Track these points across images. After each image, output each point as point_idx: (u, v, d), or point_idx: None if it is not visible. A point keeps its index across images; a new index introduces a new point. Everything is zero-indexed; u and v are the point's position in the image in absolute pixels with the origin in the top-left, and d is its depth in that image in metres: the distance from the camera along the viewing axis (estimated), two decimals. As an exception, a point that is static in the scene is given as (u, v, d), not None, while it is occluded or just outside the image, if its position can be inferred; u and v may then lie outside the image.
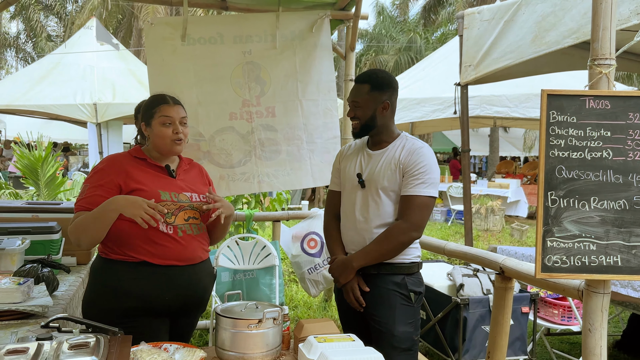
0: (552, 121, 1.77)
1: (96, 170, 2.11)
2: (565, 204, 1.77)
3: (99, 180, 2.06)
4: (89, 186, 2.06)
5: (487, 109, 8.49)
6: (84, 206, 2.02)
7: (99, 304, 2.06)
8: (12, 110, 10.72)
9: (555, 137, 1.77)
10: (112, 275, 2.05)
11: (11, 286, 2.09)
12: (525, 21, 3.56)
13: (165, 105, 2.16)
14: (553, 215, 1.77)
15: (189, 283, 2.10)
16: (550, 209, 1.77)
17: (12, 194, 6.19)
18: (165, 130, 2.13)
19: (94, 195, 2.03)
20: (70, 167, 15.33)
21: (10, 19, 26.76)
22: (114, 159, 2.16)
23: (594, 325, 1.84)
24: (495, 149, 16.85)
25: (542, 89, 1.77)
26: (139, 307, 2.02)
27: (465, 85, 4.14)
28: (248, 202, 4.95)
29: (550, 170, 1.78)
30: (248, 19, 3.68)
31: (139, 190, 2.05)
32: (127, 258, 2.04)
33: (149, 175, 2.13)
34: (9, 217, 2.92)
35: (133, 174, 2.09)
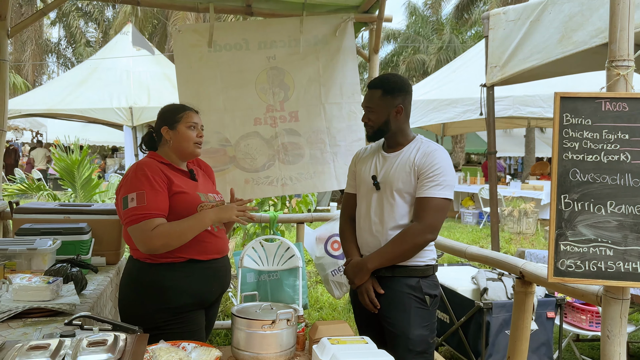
0: (565, 124, 1.75)
1: (144, 177, 2.12)
2: (580, 207, 1.75)
3: (153, 186, 2.11)
4: (147, 193, 2.09)
5: (520, 109, 8.34)
6: (152, 213, 2.07)
7: (149, 304, 2.15)
8: (52, 114, 11.09)
9: (569, 140, 1.75)
10: (162, 277, 2.15)
11: (41, 285, 2.19)
12: (552, 21, 3.50)
13: (190, 112, 2.31)
14: (566, 218, 1.75)
15: (225, 273, 2.31)
16: (564, 212, 1.75)
17: (50, 195, 6.42)
18: (191, 133, 2.27)
19: (156, 200, 2.09)
20: (107, 169, 15.77)
21: (50, 25, 27.72)
22: (151, 164, 2.20)
23: (612, 331, 1.80)
24: (531, 150, 16.49)
25: (555, 92, 1.75)
26: (189, 302, 2.16)
27: (492, 87, 4.10)
28: (275, 204, 5.01)
29: (564, 173, 1.76)
30: (272, 24, 3.73)
31: (183, 194, 2.18)
32: (175, 259, 2.15)
33: (180, 179, 2.24)
34: (42, 218, 3.04)
35: (172, 178, 2.19)
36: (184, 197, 2.16)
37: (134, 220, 2.08)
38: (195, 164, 2.49)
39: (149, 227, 2.07)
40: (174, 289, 2.14)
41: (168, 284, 2.14)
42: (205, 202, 2.22)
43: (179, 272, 2.15)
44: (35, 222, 2.98)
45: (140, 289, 2.19)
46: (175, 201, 2.15)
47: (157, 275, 2.15)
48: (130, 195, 2.10)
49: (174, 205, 2.14)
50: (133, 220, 2.08)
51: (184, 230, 2.10)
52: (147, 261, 2.18)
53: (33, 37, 24.29)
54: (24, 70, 23.92)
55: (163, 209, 2.12)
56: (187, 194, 2.18)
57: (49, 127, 15.23)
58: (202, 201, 2.21)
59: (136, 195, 2.09)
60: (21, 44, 24.48)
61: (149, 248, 2.10)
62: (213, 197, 2.32)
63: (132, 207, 2.08)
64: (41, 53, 26.31)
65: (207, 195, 2.28)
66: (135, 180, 2.13)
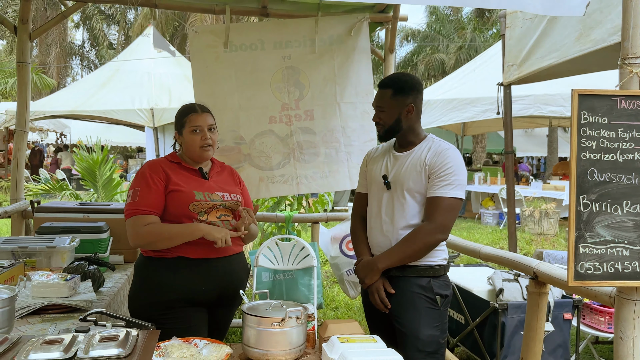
0: (583, 122, 1.72)
1: (142, 175, 2.24)
2: (598, 208, 1.72)
3: (148, 184, 2.20)
4: (140, 190, 2.20)
5: (541, 108, 8.22)
6: (142, 209, 2.16)
7: (143, 298, 2.22)
8: (76, 115, 11.31)
9: (587, 139, 1.73)
10: (154, 272, 2.21)
11: (59, 282, 2.25)
12: (570, 18, 3.44)
13: (193, 115, 2.31)
14: (585, 220, 1.72)
15: (223, 274, 2.26)
16: (582, 213, 1.72)
17: (73, 194, 6.55)
18: (195, 137, 2.28)
19: (148, 197, 2.17)
20: (130, 170, 15.99)
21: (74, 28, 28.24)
22: (154, 163, 2.30)
23: (625, 333, 1.77)
24: (554, 150, 16.24)
25: (572, 89, 1.73)
26: (179, 299, 2.17)
27: (509, 85, 4.05)
28: (291, 204, 5.03)
29: (582, 173, 1.73)
30: (288, 25, 3.75)
31: (178, 191, 2.21)
32: (165, 255, 2.19)
33: (184, 177, 2.27)
34: (62, 217, 3.11)
35: (171, 176, 2.24)
36: (177, 195, 2.20)
37: (127, 214, 2.20)
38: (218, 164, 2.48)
39: (139, 223, 2.15)
40: (162, 284, 2.18)
41: (157, 279, 2.19)
42: (202, 200, 2.21)
43: (167, 268, 2.19)
44: (55, 221, 3.06)
45: (138, 282, 2.28)
46: (169, 199, 2.21)
47: (151, 269, 2.22)
48: (130, 191, 2.24)
49: (168, 203, 2.20)
50: (127, 215, 2.20)
51: (172, 235, 2.15)
52: (145, 255, 2.26)
53: (58, 40, 24.78)
54: (49, 73, 24.41)
55: (155, 205, 2.18)
56: (180, 192, 2.20)
57: (73, 128, 15.52)
58: (197, 200, 2.20)
59: (132, 192, 2.22)
60: (46, 46, 24.99)
61: (136, 243, 2.19)
62: (220, 196, 2.28)
63: (128, 203, 2.21)
64: (65, 56, 26.83)
65: (212, 194, 2.26)
66: (136, 178, 2.26)
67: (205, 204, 2.23)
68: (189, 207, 2.20)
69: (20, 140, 3.52)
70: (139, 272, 2.28)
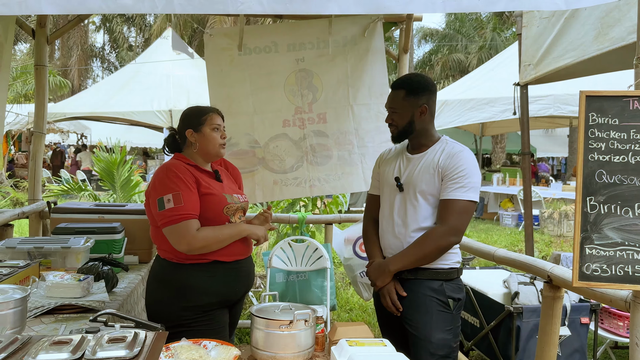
0: (591, 123, 1.69)
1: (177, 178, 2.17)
2: (606, 210, 1.68)
3: (188, 187, 2.16)
4: (182, 193, 2.14)
5: (561, 108, 8.10)
6: (191, 214, 2.13)
7: (175, 303, 2.20)
8: (96, 117, 11.47)
9: (595, 140, 1.69)
10: (189, 277, 2.20)
11: (72, 282, 2.28)
12: (588, 17, 3.38)
13: (214, 114, 2.35)
14: (592, 221, 1.69)
15: (249, 273, 2.36)
16: (589, 215, 1.69)
17: (91, 195, 6.64)
18: (216, 135, 2.32)
19: (192, 201, 2.15)
20: (149, 170, 16.16)
21: (94, 31, 28.69)
22: (180, 166, 2.23)
23: (641, 339, 1.73)
24: (575, 151, 15.96)
25: (580, 90, 1.69)
26: (214, 302, 2.22)
27: (525, 85, 3.99)
28: (305, 205, 5.03)
29: (590, 174, 1.70)
30: (301, 26, 3.75)
31: (211, 195, 2.22)
32: (200, 260, 2.20)
33: (207, 180, 2.29)
34: (77, 217, 3.15)
35: (199, 179, 2.24)
36: (212, 199, 2.21)
37: (173, 220, 2.12)
38: (220, 164, 2.52)
39: (190, 227, 2.12)
40: (199, 289, 2.20)
41: (194, 283, 2.19)
42: (231, 203, 2.27)
43: (204, 273, 2.21)
44: (71, 222, 3.10)
45: (167, 288, 2.24)
46: (203, 202, 2.19)
47: (184, 275, 2.21)
48: (166, 196, 2.14)
49: (202, 206, 2.19)
50: (172, 221, 2.12)
51: (224, 237, 2.20)
52: (174, 261, 2.23)
53: (79, 42, 25.19)
54: (70, 75, 24.82)
55: (197, 209, 2.17)
56: (215, 196, 2.22)
57: (93, 129, 15.73)
58: (228, 202, 2.25)
59: (172, 196, 2.13)
60: (68, 49, 25.43)
61: (190, 248, 2.14)
62: (238, 197, 2.35)
63: (170, 208, 2.12)
64: (86, 58, 27.25)
65: (232, 196, 2.32)
66: (168, 182, 2.16)
67: (234, 206, 2.29)
68: (223, 210, 2.23)
69: (38, 142, 3.57)
70: (168, 277, 2.24)
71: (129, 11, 1.54)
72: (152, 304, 2.30)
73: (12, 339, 1.52)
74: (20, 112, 11.55)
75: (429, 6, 1.68)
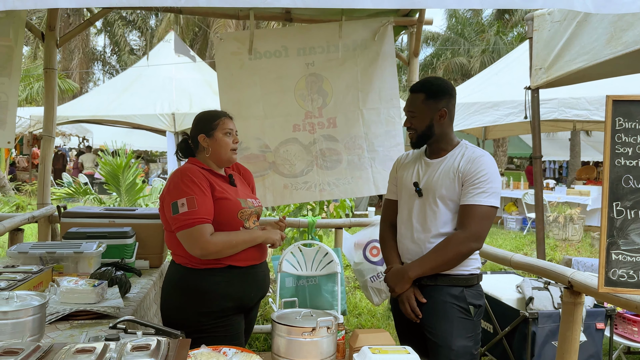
0: (618, 128, 1.67)
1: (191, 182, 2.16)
2: (633, 215, 1.66)
3: (202, 191, 2.16)
4: (197, 197, 2.12)
5: (565, 112, 8.09)
6: (205, 218, 2.12)
7: (192, 308, 2.18)
8: (98, 120, 11.44)
9: (622, 145, 1.67)
10: (204, 282, 2.19)
11: (87, 288, 2.25)
12: (600, 21, 3.37)
13: (225, 118, 2.33)
14: (619, 227, 1.67)
15: (264, 277, 2.35)
16: (616, 220, 1.67)
17: (96, 199, 6.62)
18: (228, 140, 2.31)
19: (206, 205, 2.14)
20: (150, 174, 16.14)
21: (95, 34, 28.69)
22: (194, 170, 2.22)
23: (669, 347, 1.71)
24: (577, 154, 15.99)
25: (607, 95, 1.68)
26: (230, 307, 2.20)
27: (536, 89, 3.98)
28: (313, 209, 5.01)
29: (616, 179, 1.68)
30: (311, 30, 3.74)
31: (225, 199, 2.21)
32: (215, 265, 2.18)
33: (222, 184, 2.26)
34: (88, 222, 3.13)
35: (214, 183, 2.22)
36: (226, 203, 2.20)
37: (186, 224, 2.11)
38: (234, 168, 2.51)
39: (204, 232, 2.11)
40: (216, 294, 2.18)
41: (210, 288, 2.18)
42: (245, 208, 2.26)
43: (219, 278, 2.19)
44: (81, 226, 3.07)
45: (183, 293, 2.22)
46: (217, 206, 2.18)
47: (199, 280, 2.19)
48: (180, 200, 2.13)
49: (217, 210, 2.18)
50: (186, 225, 2.11)
51: (238, 243, 2.19)
52: (188, 266, 2.21)
53: (80, 45, 25.20)
54: (72, 78, 24.82)
55: (212, 213, 2.16)
56: (229, 200, 2.21)
57: (95, 133, 15.72)
58: (242, 207, 2.24)
59: (186, 200, 2.12)
60: (69, 52, 25.43)
61: (204, 253, 2.13)
62: (252, 202, 2.34)
63: (184, 212, 2.11)
64: (88, 61, 27.25)
65: (246, 200, 2.31)
66: (183, 186, 2.15)
67: (248, 211, 2.27)
68: (237, 214, 2.21)
69: (47, 146, 3.55)
70: (183, 282, 2.22)
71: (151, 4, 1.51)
72: (167, 309, 2.28)
73: (34, 348, 1.50)
74: (22, 115, 11.52)
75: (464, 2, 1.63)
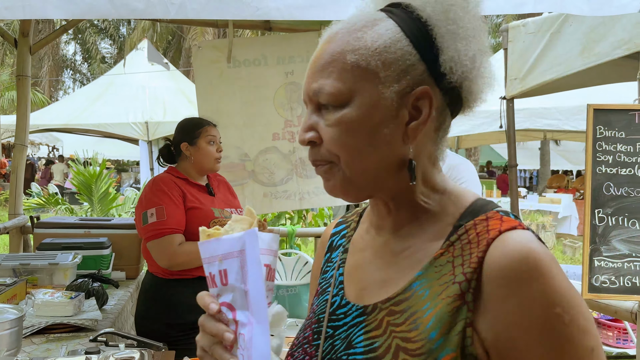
0: (599, 136, 1.72)
1: (162, 192, 2.15)
2: (614, 222, 1.70)
3: (173, 200, 2.14)
4: (166, 207, 2.11)
5: (536, 122, 8.27)
6: (173, 228, 2.10)
7: (160, 319, 2.17)
8: (69, 129, 11.21)
9: (603, 153, 1.72)
10: (173, 293, 2.17)
11: (63, 300, 2.19)
12: (573, 32, 3.46)
13: (209, 126, 2.31)
14: (601, 233, 1.71)
15: None
16: (598, 227, 1.71)
17: (68, 209, 6.47)
18: (211, 148, 2.29)
19: (175, 215, 2.12)
20: (123, 183, 15.87)
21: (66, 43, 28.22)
22: (167, 179, 2.22)
23: (648, 350, 1.75)
24: (547, 163, 16.36)
25: (588, 104, 1.72)
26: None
27: (511, 99, 4.06)
28: (291, 218, 5.00)
29: (598, 187, 1.72)
30: (290, 39, 3.75)
31: (197, 209, 2.18)
32: (184, 276, 2.16)
33: (197, 193, 2.23)
34: (62, 232, 3.05)
35: (187, 193, 2.19)
36: (196, 213, 2.17)
37: (155, 235, 2.10)
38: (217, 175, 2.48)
39: (172, 242, 2.08)
40: (184, 305, 2.13)
41: (179, 299, 2.14)
42: (220, 217, 2.21)
43: (189, 289, 2.13)
44: (56, 237, 3.00)
45: (154, 303, 2.22)
46: (189, 216, 2.16)
47: (169, 290, 2.17)
48: (149, 210, 2.12)
49: (188, 220, 2.15)
50: (154, 235, 2.10)
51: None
52: (159, 276, 2.19)
53: (50, 53, 24.72)
54: (41, 86, 24.33)
55: (182, 223, 2.14)
56: (200, 210, 2.18)
57: (65, 142, 15.39)
58: (216, 217, 2.19)
59: (156, 210, 2.11)
60: (39, 60, 24.92)
61: (172, 263, 2.11)
62: (230, 211, 2.29)
63: (153, 222, 2.10)
64: (58, 69, 26.74)
65: (223, 210, 2.26)
66: (152, 196, 2.15)
67: (223, 221, 2.21)
68: (210, 224, 2.16)
69: (19, 155, 3.46)
70: (154, 292, 2.22)
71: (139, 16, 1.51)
72: (140, 319, 2.26)
73: (12, 363, 1.45)
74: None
75: None
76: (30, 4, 1.43)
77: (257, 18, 1.48)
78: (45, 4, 1.44)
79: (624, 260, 1.71)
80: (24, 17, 1.42)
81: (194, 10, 1.52)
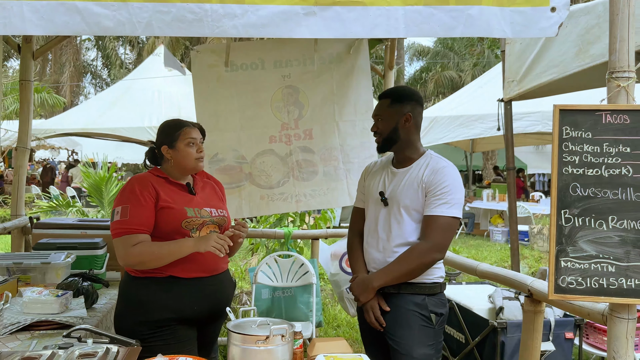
0: (565, 137, 1.71)
1: (131, 191, 2.18)
2: (581, 222, 1.70)
3: (139, 200, 2.15)
4: (130, 207, 2.14)
5: (548, 124, 8.17)
6: (132, 228, 2.12)
7: (131, 317, 2.18)
8: (87, 133, 11.43)
9: (569, 154, 1.71)
10: (144, 291, 2.17)
11: (50, 298, 2.25)
12: (569, 34, 3.43)
13: (188, 128, 2.30)
14: (567, 234, 1.70)
15: (214, 292, 2.25)
16: (564, 227, 1.70)
17: (79, 211, 6.61)
18: (191, 149, 2.28)
19: (139, 215, 2.13)
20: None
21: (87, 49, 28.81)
22: (142, 178, 2.24)
23: (618, 352, 1.73)
24: (566, 167, 16.07)
25: (554, 104, 1.72)
26: (171, 318, 2.15)
27: (509, 101, 4.03)
28: (293, 220, 5.03)
29: (564, 187, 1.71)
30: (287, 43, 3.78)
31: (169, 208, 2.18)
32: (156, 274, 2.17)
33: (172, 192, 2.25)
34: (60, 233, 3.13)
35: (161, 192, 2.21)
36: (168, 212, 2.17)
37: (116, 233, 2.14)
38: (209, 178, 2.49)
39: (129, 243, 2.11)
40: (152, 303, 2.15)
41: (146, 298, 2.16)
42: (194, 217, 2.20)
43: (158, 287, 2.16)
44: (53, 237, 3.08)
45: (124, 301, 2.24)
46: (159, 215, 2.17)
47: (139, 289, 2.19)
48: (117, 208, 2.17)
49: (158, 220, 2.17)
50: (116, 234, 2.14)
51: (162, 254, 2.12)
52: (132, 274, 2.22)
53: (71, 59, 25.24)
54: (62, 92, 24.83)
55: (147, 224, 2.14)
56: (172, 209, 2.18)
57: (84, 146, 15.67)
58: (189, 216, 2.19)
59: (121, 209, 2.15)
60: (60, 66, 25.47)
61: (126, 263, 2.16)
62: (208, 212, 2.28)
63: (116, 221, 2.15)
64: (79, 74, 27.28)
65: (200, 210, 2.25)
66: (122, 195, 2.19)
67: (197, 221, 2.22)
68: (182, 224, 2.18)
69: (21, 157, 3.56)
70: (126, 291, 2.24)
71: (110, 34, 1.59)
72: (116, 316, 2.28)
73: (-19, 356, 1.50)
74: (10, 129, 11.50)
75: (392, 31, 1.77)
76: (11, 21, 1.56)
77: (215, 36, 1.55)
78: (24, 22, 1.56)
79: (591, 261, 1.70)
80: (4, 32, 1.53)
81: (159, 28, 1.61)
